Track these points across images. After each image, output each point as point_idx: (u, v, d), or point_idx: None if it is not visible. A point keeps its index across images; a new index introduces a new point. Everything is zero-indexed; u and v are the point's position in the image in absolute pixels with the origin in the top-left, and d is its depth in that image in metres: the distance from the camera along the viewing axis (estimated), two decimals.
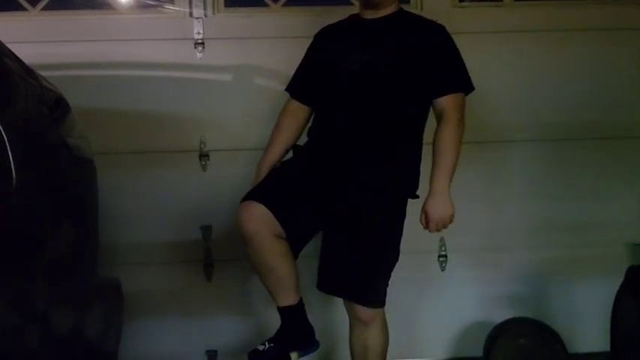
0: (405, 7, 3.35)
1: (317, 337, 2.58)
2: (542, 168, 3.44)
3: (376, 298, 2.50)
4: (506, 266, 3.40)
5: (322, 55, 2.61)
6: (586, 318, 3.33)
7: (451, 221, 2.43)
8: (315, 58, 2.65)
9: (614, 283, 2.84)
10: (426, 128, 2.58)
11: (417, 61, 2.45)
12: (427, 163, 2.51)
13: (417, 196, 2.51)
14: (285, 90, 2.73)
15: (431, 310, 3.38)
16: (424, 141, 2.59)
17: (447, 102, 2.46)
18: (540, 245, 3.39)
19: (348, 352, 2.64)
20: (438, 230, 2.44)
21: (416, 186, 2.52)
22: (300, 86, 2.69)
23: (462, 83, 2.51)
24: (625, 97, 3.45)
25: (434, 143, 2.46)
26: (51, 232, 1.87)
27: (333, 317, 2.83)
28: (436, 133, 2.46)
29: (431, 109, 2.55)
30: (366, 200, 2.44)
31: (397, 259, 2.53)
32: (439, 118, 2.47)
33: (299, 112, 2.68)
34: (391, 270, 2.52)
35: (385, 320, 2.56)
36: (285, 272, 2.43)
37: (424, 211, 2.41)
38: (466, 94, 2.54)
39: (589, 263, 3.39)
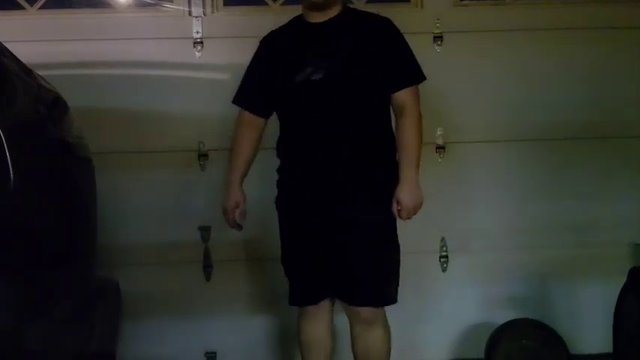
0: (405, 6, 3.38)
1: None
2: (543, 168, 3.42)
3: (391, 295, 2.55)
4: (507, 267, 3.38)
5: (274, 65, 2.57)
6: (588, 319, 3.32)
7: (420, 208, 2.47)
8: (265, 67, 2.60)
9: (616, 284, 2.83)
10: None
11: (372, 60, 2.47)
12: None
13: None
14: (233, 102, 2.69)
15: (432, 312, 3.37)
16: None
17: (405, 95, 2.50)
18: (542, 246, 3.37)
19: (347, 355, 2.64)
20: (409, 218, 2.47)
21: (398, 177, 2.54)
22: (252, 98, 2.65)
23: (416, 75, 2.55)
24: (625, 96, 3.43)
25: (398, 134, 2.50)
26: (48, 232, 1.85)
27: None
28: (399, 126, 2.51)
29: None
30: (361, 205, 2.47)
31: (399, 251, 2.57)
32: (399, 112, 2.51)
33: (255, 121, 2.65)
34: (399, 262, 2.56)
35: (387, 319, 2.57)
36: None
37: (396, 200, 2.45)
38: (419, 84, 2.57)
39: (591, 264, 3.38)
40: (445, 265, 3.38)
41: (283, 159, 2.60)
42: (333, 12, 2.51)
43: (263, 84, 2.60)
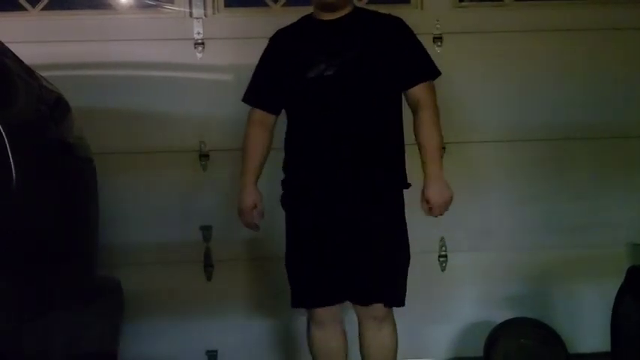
0: (405, 7, 3.39)
1: None
2: (542, 168, 3.43)
3: (399, 294, 2.52)
4: (506, 266, 3.39)
5: (284, 62, 2.55)
6: (587, 318, 3.32)
7: (450, 202, 2.44)
8: (276, 64, 2.58)
9: (614, 284, 2.84)
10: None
11: (385, 57, 2.47)
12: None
13: (410, 185, 2.54)
14: (243, 101, 2.65)
15: (431, 311, 3.37)
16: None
17: (421, 90, 2.49)
18: (541, 245, 3.38)
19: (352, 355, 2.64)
20: (441, 214, 2.45)
21: (406, 176, 2.55)
22: (262, 95, 2.62)
23: (431, 70, 2.55)
24: (625, 96, 3.44)
25: (417, 131, 2.48)
26: (50, 232, 1.86)
27: None
28: (417, 121, 2.48)
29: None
30: (361, 206, 2.45)
31: (408, 252, 2.54)
32: (415, 107, 2.49)
33: (266, 119, 2.60)
34: (408, 262, 2.54)
35: (394, 317, 2.57)
36: None
37: (425, 198, 2.43)
38: (434, 79, 2.57)
39: (589, 263, 3.38)
40: (444, 265, 3.39)
41: (289, 157, 2.59)
42: (344, 11, 2.51)
43: (274, 81, 2.58)
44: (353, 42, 2.47)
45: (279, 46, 2.62)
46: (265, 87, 2.61)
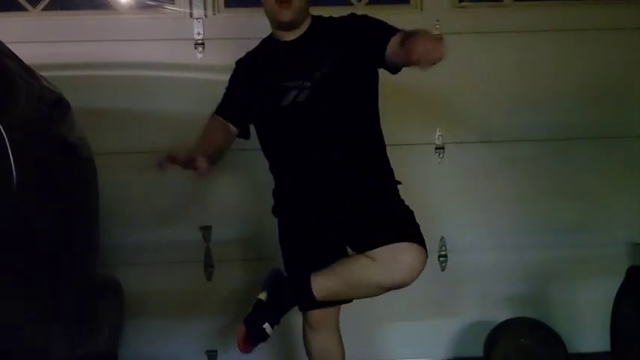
0: (405, 8, 3.39)
1: None
2: (542, 168, 3.43)
3: (415, 233, 2.33)
4: (506, 266, 3.39)
5: (254, 90, 2.51)
6: (586, 318, 3.33)
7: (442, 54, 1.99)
8: (245, 90, 2.54)
9: (614, 283, 2.85)
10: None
11: (355, 54, 2.40)
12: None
13: (400, 182, 2.51)
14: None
15: (431, 310, 3.38)
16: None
17: (399, 35, 2.28)
18: (541, 245, 3.38)
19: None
20: (430, 61, 2.00)
21: (394, 174, 2.52)
22: (233, 111, 2.55)
23: (398, 29, 2.35)
24: (625, 96, 3.45)
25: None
26: (51, 232, 1.87)
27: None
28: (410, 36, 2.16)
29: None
30: (351, 208, 2.41)
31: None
32: (401, 44, 2.21)
33: (227, 125, 2.53)
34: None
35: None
36: None
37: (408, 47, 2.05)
38: None
39: (589, 263, 3.38)
40: (444, 265, 3.39)
41: (278, 177, 2.56)
42: (303, 27, 2.48)
43: (244, 105, 2.53)
44: (318, 58, 2.42)
45: (246, 71, 2.58)
46: (233, 106, 2.56)
